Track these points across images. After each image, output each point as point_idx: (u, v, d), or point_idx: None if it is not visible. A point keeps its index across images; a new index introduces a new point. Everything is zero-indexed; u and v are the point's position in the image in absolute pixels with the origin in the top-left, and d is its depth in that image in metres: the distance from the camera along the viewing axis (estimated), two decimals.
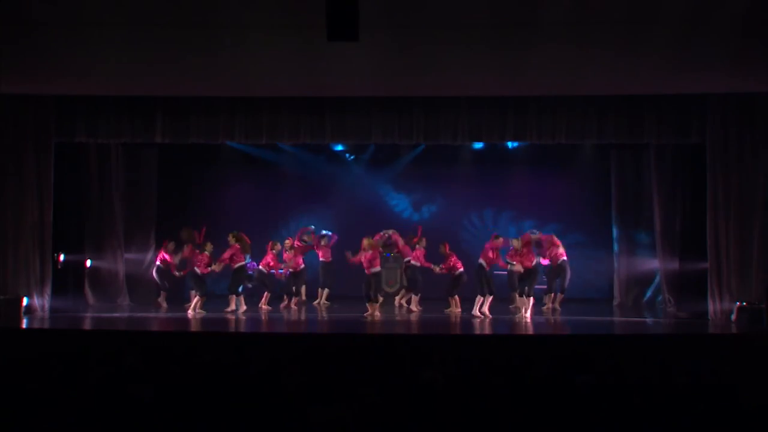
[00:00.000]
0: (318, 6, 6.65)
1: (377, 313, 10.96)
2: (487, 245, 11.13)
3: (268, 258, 12.09)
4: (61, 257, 12.06)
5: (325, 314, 11.74)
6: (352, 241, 11.87)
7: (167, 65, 9.56)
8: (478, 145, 13.37)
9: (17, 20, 7.83)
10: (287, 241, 12.27)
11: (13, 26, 8.02)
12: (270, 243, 12.27)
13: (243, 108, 11.28)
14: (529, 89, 10.79)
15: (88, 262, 12.65)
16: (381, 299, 11.33)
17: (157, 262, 12.43)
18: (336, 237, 12.75)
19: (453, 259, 11.51)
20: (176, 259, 12.35)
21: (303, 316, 11.59)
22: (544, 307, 11.83)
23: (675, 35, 8.15)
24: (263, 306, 11.91)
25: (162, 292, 12.46)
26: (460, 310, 11.52)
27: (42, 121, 11.29)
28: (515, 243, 11.18)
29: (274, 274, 12.36)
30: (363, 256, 11.12)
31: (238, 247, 11.65)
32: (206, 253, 11.71)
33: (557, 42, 8.42)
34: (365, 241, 11.17)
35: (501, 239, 11.20)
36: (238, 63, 9.38)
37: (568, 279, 11.71)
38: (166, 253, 12.34)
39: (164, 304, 12.32)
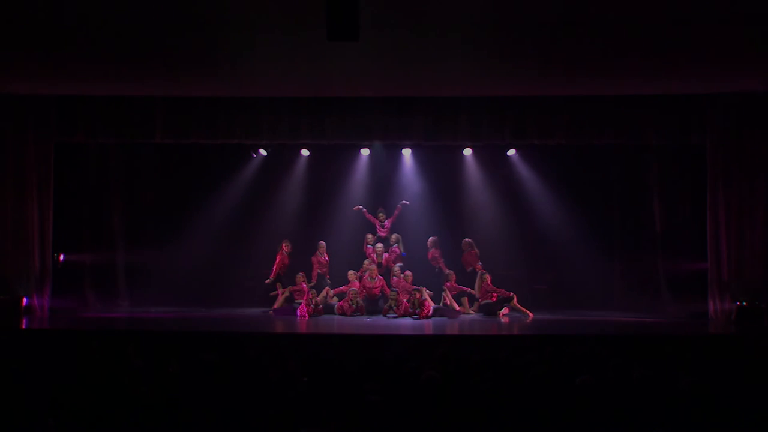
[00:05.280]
0: (318, 6, 6.65)
1: None
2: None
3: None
4: (61, 257, 12.05)
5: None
6: None
7: (167, 65, 9.56)
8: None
9: (18, 20, 7.83)
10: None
11: (14, 26, 8.01)
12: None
13: (243, 108, 11.29)
14: (529, 89, 10.81)
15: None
16: None
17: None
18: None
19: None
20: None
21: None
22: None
23: (674, 35, 8.16)
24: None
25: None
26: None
27: (42, 121, 11.31)
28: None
29: None
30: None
31: None
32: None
33: (557, 42, 8.43)
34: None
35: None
36: (238, 63, 9.39)
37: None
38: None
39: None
